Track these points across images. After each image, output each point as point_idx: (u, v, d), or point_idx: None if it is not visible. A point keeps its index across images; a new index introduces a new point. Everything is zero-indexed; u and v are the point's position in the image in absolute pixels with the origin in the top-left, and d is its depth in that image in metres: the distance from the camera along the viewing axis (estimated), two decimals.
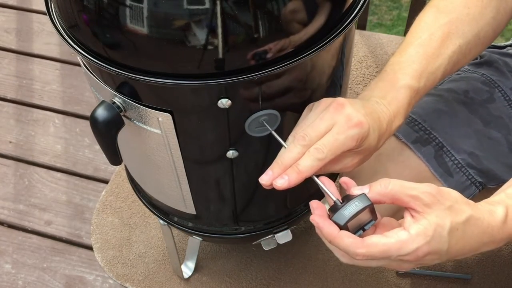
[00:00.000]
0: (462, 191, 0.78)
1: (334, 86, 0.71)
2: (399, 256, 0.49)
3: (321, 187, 0.57)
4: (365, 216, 0.51)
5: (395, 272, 1.08)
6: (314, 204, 0.55)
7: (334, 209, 0.53)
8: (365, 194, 0.52)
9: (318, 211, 0.53)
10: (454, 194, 0.52)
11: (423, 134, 0.79)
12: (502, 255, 1.09)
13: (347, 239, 0.50)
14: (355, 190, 0.54)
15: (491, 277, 1.06)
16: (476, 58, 0.90)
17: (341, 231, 0.51)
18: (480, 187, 0.80)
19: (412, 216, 0.51)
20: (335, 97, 0.62)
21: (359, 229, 0.52)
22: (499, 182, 0.81)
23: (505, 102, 0.81)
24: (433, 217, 0.50)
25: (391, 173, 0.80)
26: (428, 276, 1.07)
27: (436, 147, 0.79)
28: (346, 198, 0.54)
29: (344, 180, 0.56)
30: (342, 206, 0.52)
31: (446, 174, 0.79)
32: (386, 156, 0.81)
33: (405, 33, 1.46)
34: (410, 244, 0.49)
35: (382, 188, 0.51)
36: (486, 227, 0.52)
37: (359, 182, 0.55)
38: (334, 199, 0.54)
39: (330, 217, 0.53)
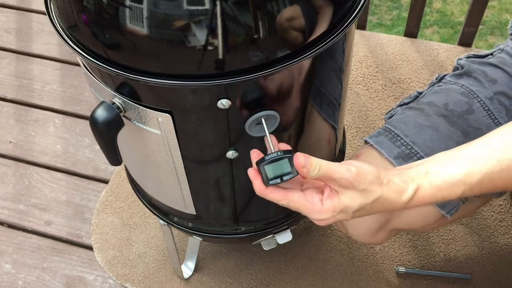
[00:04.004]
0: (445, 204, 0.79)
1: (334, 87, 0.71)
2: (308, 215, 0.62)
3: (267, 138, 0.62)
4: (285, 166, 0.59)
5: (395, 272, 1.08)
6: (254, 154, 0.62)
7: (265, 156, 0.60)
8: (292, 150, 0.60)
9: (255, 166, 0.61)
10: (370, 177, 0.60)
11: (405, 149, 0.79)
12: (502, 255, 1.09)
13: (271, 195, 0.60)
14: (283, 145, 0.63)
15: (491, 277, 1.06)
16: (457, 69, 0.90)
17: (268, 188, 0.60)
18: (464, 198, 0.80)
19: (330, 190, 0.61)
20: (335, 99, 0.62)
21: (278, 177, 0.59)
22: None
23: (484, 112, 0.82)
24: (345, 198, 0.60)
25: None
26: (428, 276, 1.07)
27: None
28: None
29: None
30: (268, 153, 0.59)
31: None
32: None
33: (405, 33, 1.46)
34: (319, 214, 0.61)
35: (312, 170, 0.58)
36: (390, 205, 0.62)
37: None
38: (273, 150, 0.61)
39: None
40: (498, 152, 0.62)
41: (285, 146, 0.63)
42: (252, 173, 0.61)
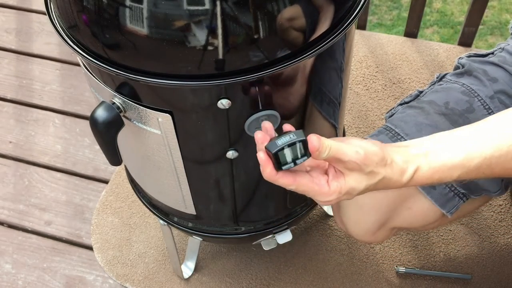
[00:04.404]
0: (445, 203, 0.79)
1: (335, 86, 0.71)
2: (315, 197, 0.61)
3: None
4: (298, 150, 0.56)
5: (395, 272, 1.08)
6: (259, 136, 0.59)
7: (272, 139, 0.57)
8: (302, 130, 0.56)
9: (262, 146, 0.58)
10: (376, 159, 0.60)
11: None
12: (502, 255, 1.09)
13: (281, 180, 0.58)
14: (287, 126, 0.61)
15: (491, 277, 1.06)
16: (458, 68, 0.90)
17: (279, 173, 0.57)
18: (464, 197, 0.81)
19: (335, 170, 0.61)
20: (336, 98, 0.62)
21: (291, 162, 0.56)
22: (482, 193, 0.81)
23: (485, 111, 0.82)
24: (351, 180, 0.60)
25: None
26: (428, 276, 1.07)
27: None
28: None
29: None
30: (278, 137, 0.55)
31: (429, 187, 0.80)
32: None
33: (405, 33, 1.46)
34: (326, 196, 0.61)
35: (322, 151, 0.57)
36: (393, 184, 0.62)
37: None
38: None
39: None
40: (498, 138, 0.62)
41: (289, 127, 0.61)
42: (263, 157, 0.56)
